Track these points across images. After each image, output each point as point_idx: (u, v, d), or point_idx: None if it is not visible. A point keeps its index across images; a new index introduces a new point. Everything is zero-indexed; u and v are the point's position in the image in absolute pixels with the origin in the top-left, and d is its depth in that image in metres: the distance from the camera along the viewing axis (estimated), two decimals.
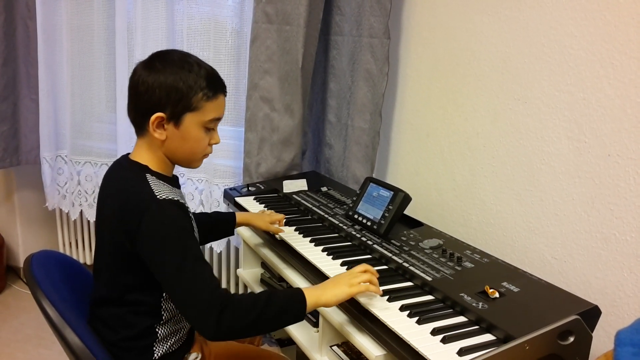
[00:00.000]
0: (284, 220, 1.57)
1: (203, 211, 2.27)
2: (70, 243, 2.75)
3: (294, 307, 1.10)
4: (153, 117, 1.13)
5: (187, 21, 2.14)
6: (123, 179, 1.19)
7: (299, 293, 1.11)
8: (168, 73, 1.13)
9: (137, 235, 1.08)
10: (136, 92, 1.15)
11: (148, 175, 1.16)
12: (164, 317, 1.20)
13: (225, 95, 1.23)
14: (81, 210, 2.51)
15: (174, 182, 1.24)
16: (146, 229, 1.08)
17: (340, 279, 1.16)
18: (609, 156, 1.29)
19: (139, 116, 1.17)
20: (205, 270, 1.08)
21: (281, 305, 1.09)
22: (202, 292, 1.04)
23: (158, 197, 1.10)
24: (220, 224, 1.52)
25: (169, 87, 1.12)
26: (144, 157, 1.19)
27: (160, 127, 1.15)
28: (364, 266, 1.18)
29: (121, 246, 1.12)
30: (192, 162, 1.23)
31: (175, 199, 1.13)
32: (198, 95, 1.14)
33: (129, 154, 1.23)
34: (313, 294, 1.11)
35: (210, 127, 1.20)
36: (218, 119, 1.20)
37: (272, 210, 1.66)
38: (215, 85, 1.18)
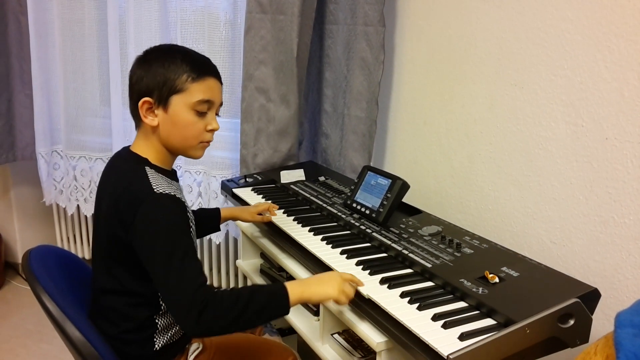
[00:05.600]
0: (275, 207, 1.58)
1: (199, 204, 2.28)
2: (67, 238, 2.74)
3: (277, 303, 1.09)
4: (140, 102, 1.16)
5: (180, 13, 2.12)
6: (122, 170, 1.20)
7: (282, 289, 1.10)
8: (154, 61, 1.17)
9: (131, 227, 1.09)
10: (130, 84, 1.19)
11: (147, 168, 1.16)
12: (162, 308, 1.21)
13: (219, 80, 1.22)
14: (78, 205, 2.51)
15: (172, 175, 1.25)
16: (140, 221, 1.08)
17: (328, 278, 1.15)
18: (607, 139, 1.29)
19: (133, 106, 1.20)
20: (193, 266, 1.07)
21: (263, 303, 1.08)
22: (185, 289, 1.04)
23: (155, 190, 1.10)
24: (205, 220, 1.52)
25: (155, 72, 1.15)
26: (143, 148, 1.21)
27: (150, 112, 1.17)
28: (351, 276, 1.18)
29: (116, 236, 1.13)
30: (188, 150, 1.22)
31: (172, 193, 1.12)
32: (182, 77, 1.15)
33: (129, 146, 1.24)
34: (297, 290, 1.11)
35: (201, 111, 1.18)
36: (208, 102, 1.18)
37: (270, 202, 1.66)
38: (200, 67, 1.18)
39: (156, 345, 1.21)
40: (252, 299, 1.07)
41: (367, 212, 1.53)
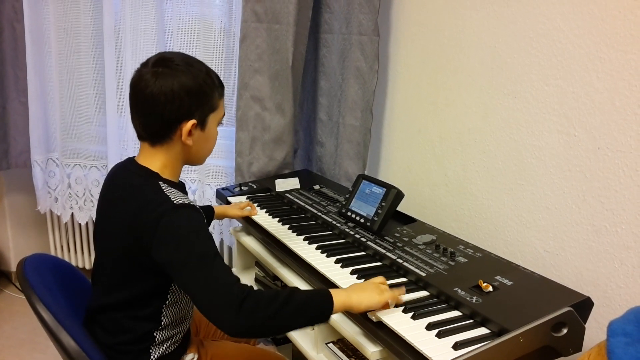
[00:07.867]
0: (253, 204, 1.68)
1: None
2: (61, 246, 2.73)
3: (319, 303, 1.07)
4: (189, 124, 1.13)
5: (176, 22, 2.13)
6: (134, 185, 1.15)
7: (325, 291, 1.08)
8: (186, 77, 1.11)
9: (152, 241, 1.07)
10: (158, 101, 1.10)
11: (161, 183, 1.14)
12: (163, 323, 1.20)
13: None
14: (72, 213, 2.50)
15: (182, 188, 1.24)
16: (164, 233, 1.06)
17: (365, 285, 1.13)
18: (599, 149, 1.30)
19: (165, 125, 1.13)
20: (223, 266, 1.07)
21: (304, 301, 1.06)
22: (221, 287, 1.03)
23: (174, 202, 1.09)
24: None
25: (197, 91, 1.12)
26: (157, 163, 1.17)
27: (190, 133, 1.15)
28: (381, 278, 1.17)
29: (129, 252, 1.11)
30: (203, 160, 1.25)
31: (191, 203, 1.12)
32: (215, 95, 1.17)
33: (133, 157, 1.21)
34: (341, 295, 1.08)
35: (220, 123, 1.22)
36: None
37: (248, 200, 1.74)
38: (220, 81, 1.21)
39: (152, 357, 1.20)
40: (292, 296, 1.05)
41: (362, 220, 1.53)
